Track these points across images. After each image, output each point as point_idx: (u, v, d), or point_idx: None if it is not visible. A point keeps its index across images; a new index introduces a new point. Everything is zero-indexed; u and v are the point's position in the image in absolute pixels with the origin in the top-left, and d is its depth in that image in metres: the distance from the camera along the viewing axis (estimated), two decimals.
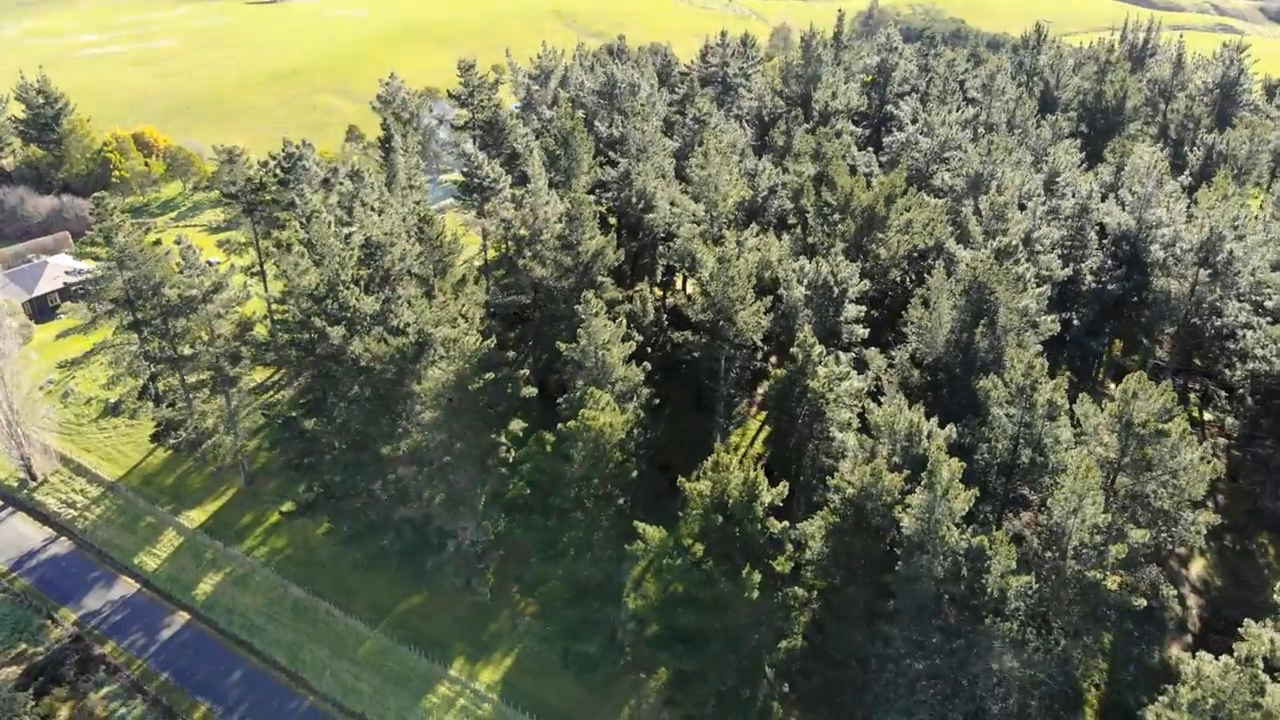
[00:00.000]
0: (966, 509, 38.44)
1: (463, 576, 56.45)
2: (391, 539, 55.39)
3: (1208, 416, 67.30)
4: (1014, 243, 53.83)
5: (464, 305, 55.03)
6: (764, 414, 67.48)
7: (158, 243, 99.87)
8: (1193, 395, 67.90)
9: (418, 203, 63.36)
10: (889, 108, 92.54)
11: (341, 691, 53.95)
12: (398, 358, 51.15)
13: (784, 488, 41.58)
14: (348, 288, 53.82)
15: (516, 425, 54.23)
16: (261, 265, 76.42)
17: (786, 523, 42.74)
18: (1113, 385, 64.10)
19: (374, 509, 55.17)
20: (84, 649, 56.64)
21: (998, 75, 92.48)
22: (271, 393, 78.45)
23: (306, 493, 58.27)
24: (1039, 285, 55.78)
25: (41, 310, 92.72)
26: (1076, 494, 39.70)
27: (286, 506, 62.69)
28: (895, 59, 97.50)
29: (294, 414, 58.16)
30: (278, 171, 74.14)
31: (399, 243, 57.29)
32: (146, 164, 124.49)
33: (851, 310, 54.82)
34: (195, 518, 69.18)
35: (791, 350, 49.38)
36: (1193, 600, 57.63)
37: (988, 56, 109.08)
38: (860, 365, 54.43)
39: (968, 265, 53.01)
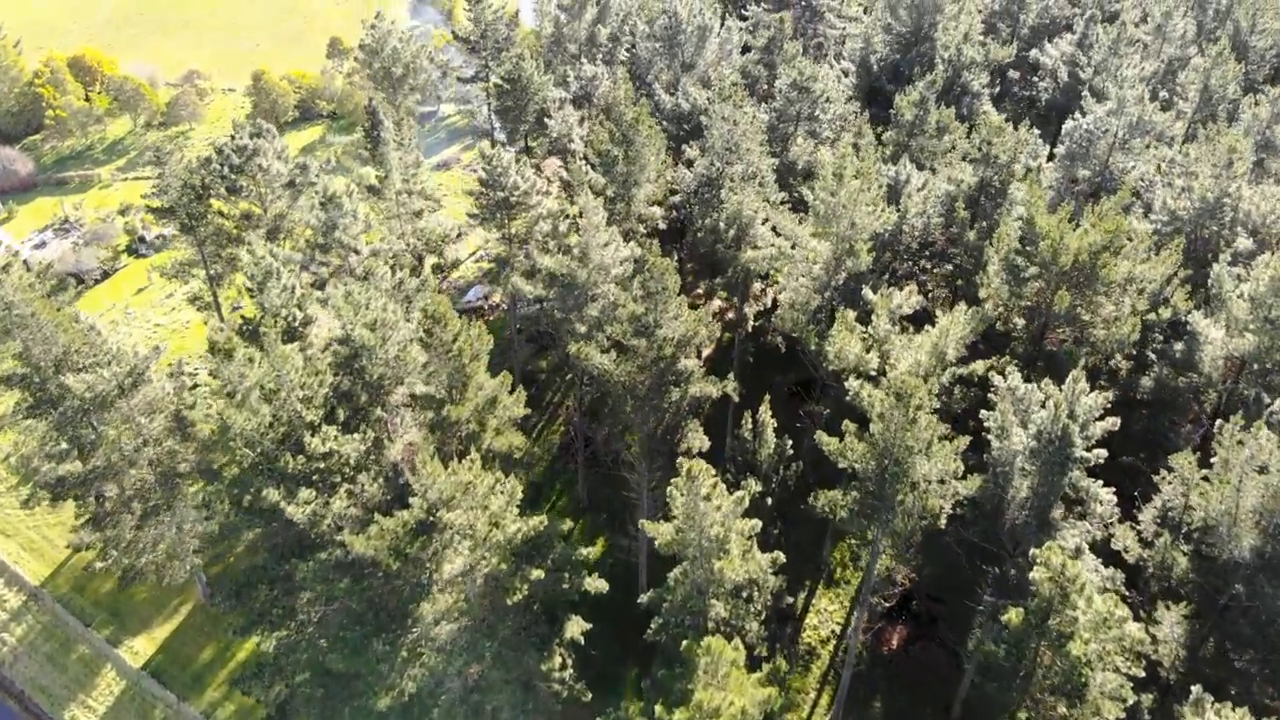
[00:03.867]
0: None
1: None
2: None
3: None
4: None
5: (493, 445, 36.34)
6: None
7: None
8: None
9: (420, 289, 43.17)
10: (1034, 53, 70.22)
11: None
12: (397, 546, 32.87)
13: None
14: (315, 430, 34.94)
15: (575, 629, 36.39)
16: (215, 296, 56.92)
17: None
18: None
19: None
20: None
21: (1174, 14, 69.33)
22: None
23: (273, 685, 40.82)
24: None
25: None
26: None
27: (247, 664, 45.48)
28: None
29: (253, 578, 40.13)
30: (226, 171, 53.64)
31: (393, 335, 37.93)
32: (88, 98, 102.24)
33: (1081, 449, 35.74)
34: (141, 649, 52.30)
35: (1035, 569, 30.67)
36: None
37: None
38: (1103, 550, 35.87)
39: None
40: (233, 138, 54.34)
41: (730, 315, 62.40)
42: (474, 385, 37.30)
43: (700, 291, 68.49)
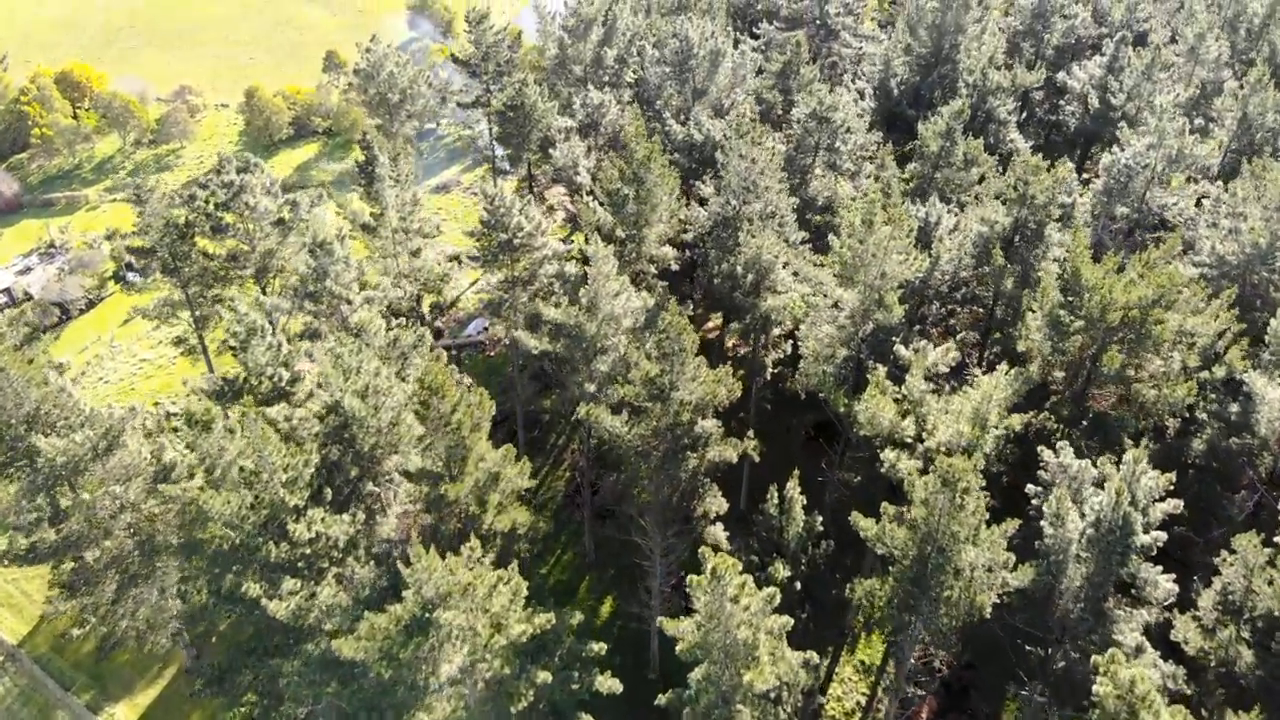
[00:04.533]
0: None
1: None
2: None
3: None
4: None
5: (495, 525, 33.17)
6: None
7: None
8: None
9: (418, 346, 39.97)
10: (1061, 76, 67.08)
11: None
12: (389, 649, 29.71)
13: None
14: (300, 514, 31.77)
15: None
16: (201, 340, 53.79)
17: None
18: None
19: None
20: None
21: (1206, 35, 66.10)
22: None
23: None
24: None
25: None
26: None
27: None
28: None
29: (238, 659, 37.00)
30: (211, 207, 50.52)
31: (387, 401, 34.82)
32: (76, 116, 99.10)
33: (1142, 536, 32.57)
34: (122, 717, 49.25)
35: (1098, 683, 27.45)
36: None
37: None
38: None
39: None
40: (219, 172, 51.19)
41: (744, 351, 59.38)
42: (474, 458, 34.14)
43: (711, 326, 65.52)
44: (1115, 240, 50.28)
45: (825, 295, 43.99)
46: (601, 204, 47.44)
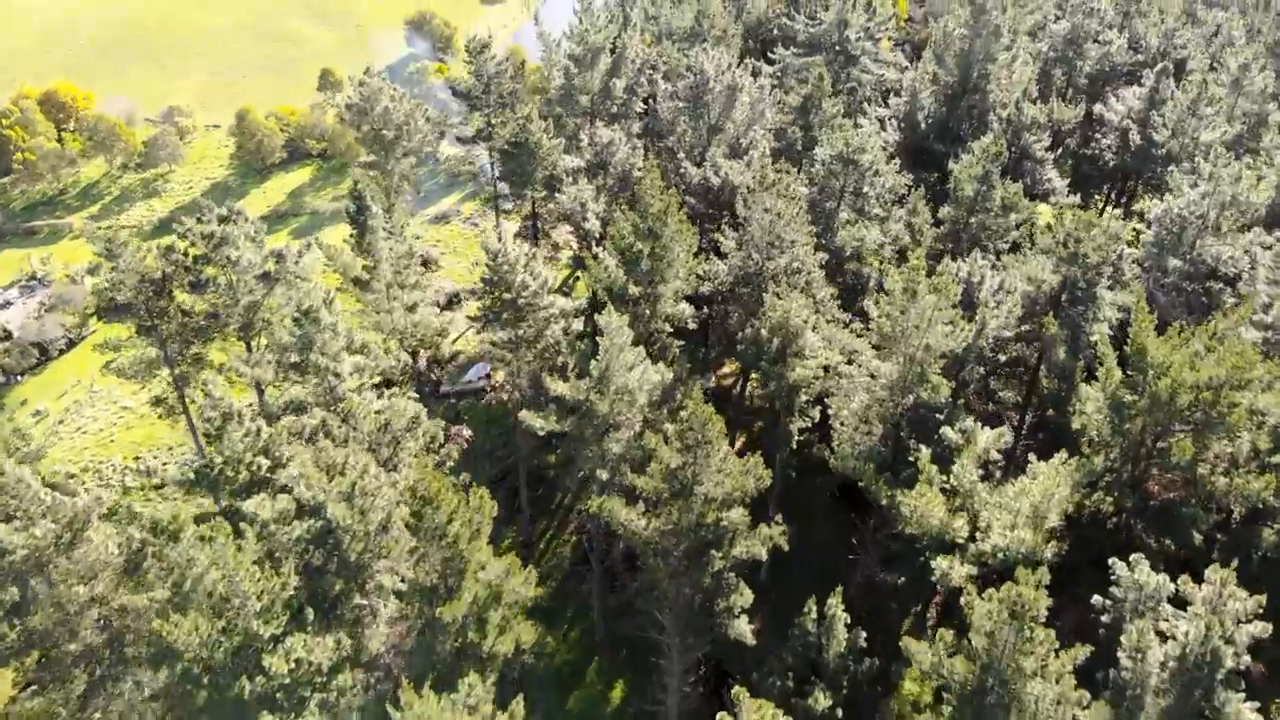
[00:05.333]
0: None
1: None
2: None
3: None
4: None
5: (496, 648, 29.35)
6: None
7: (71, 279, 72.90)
8: None
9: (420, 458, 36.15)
10: (1098, 108, 63.26)
11: None
12: None
13: None
14: (278, 642, 27.98)
15: None
16: (182, 399, 50.04)
17: None
18: None
19: None
20: None
21: (1251, 66, 62.16)
22: None
23: None
24: None
25: None
26: None
27: None
28: (1091, 24, 67.19)
29: None
30: (190, 260, 46.81)
31: (376, 501, 31.07)
32: (60, 139, 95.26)
33: (1230, 665, 28.77)
34: None
35: None
36: None
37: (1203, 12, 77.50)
38: None
39: None
40: (199, 219, 47.32)
41: (760, 396, 55.43)
42: (472, 570, 30.36)
43: (726, 372, 61.74)
44: (1168, 295, 46.50)
45: (859, 365, 40.26)
46: (613, 260, 43.61)
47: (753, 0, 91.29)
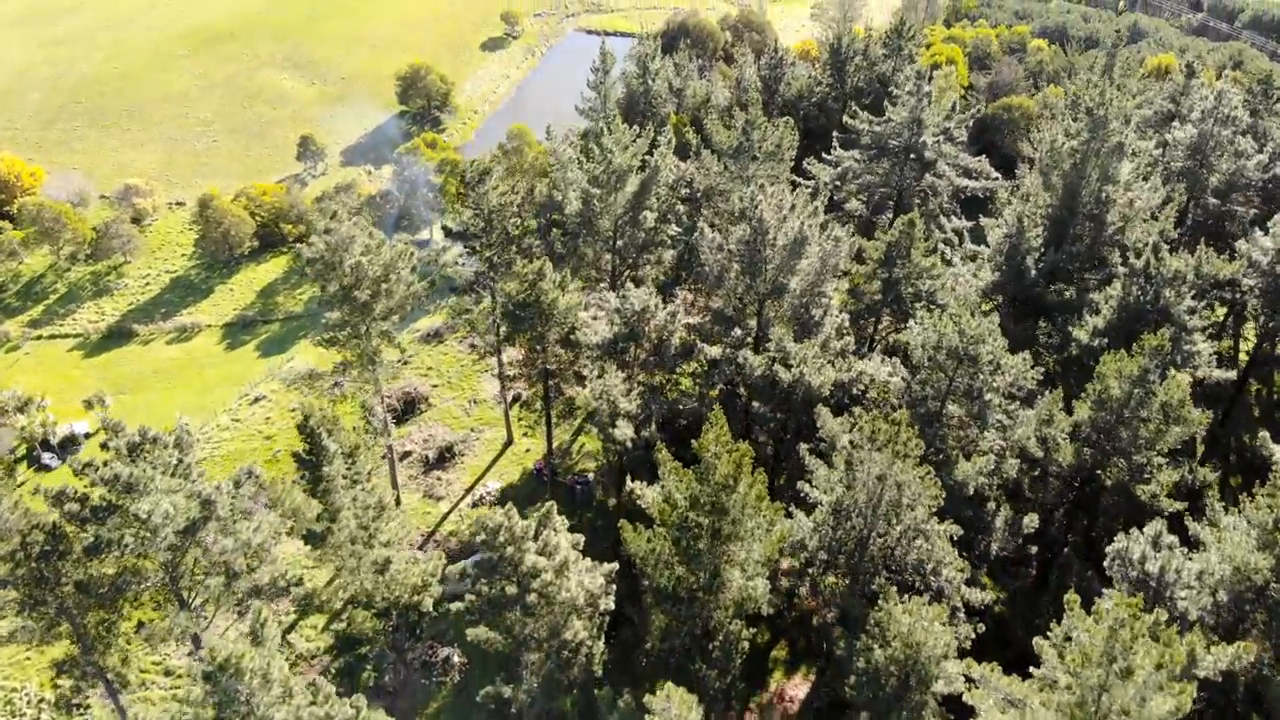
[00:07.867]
0: None
1: None
2: None
3: None
4: None
5: None
6: None
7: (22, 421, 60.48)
8: None
9: None
10: (1243, 245, 50.93)
11: None
12: None
13: None
14: None
15: None
16: (101, 673, 37.63)
17: None
18: None
19: None
20: None
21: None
22: None
23: None
24: None
25: None
26: None
27: None
28: (1225, 134, 54.72)
29: None
30: (87, 515, 34.45)
31: None
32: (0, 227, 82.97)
33: None
34: None
35: None
36: None
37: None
38: None
39: None
40: (104, 446, 35.00)
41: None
42: None
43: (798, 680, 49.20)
44: None
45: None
46: (661, 541, 31.34)
47: (792, 71, 79.36)
